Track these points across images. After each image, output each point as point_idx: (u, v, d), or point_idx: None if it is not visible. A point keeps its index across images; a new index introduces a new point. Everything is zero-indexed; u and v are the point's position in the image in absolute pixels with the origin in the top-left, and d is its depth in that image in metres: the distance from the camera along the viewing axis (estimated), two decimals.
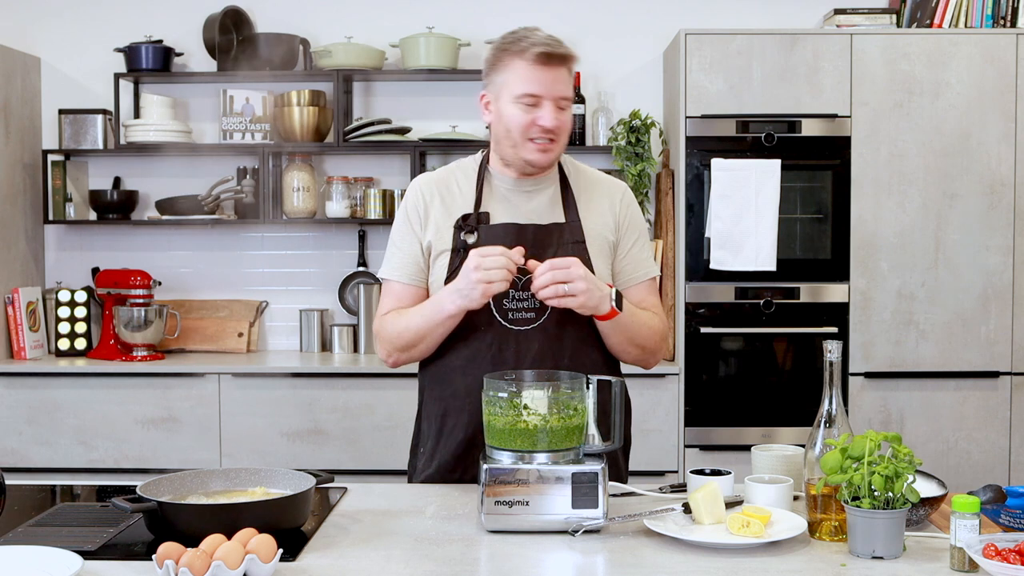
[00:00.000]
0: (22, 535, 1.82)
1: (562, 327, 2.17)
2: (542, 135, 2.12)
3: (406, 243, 2.23)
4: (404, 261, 2.23)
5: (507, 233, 2.16)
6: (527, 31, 2.16)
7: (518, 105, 2.12)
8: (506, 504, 1.79)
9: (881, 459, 1.68)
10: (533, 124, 2.11)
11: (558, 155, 2.19)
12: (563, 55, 2.12)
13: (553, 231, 2.19)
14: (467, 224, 2.17)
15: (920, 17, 4.11)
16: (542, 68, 2.10)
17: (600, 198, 2.27)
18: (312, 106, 4.29)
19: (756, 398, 3.98)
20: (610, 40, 4.45)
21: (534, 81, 2.10)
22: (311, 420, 3.99)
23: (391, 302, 2.24)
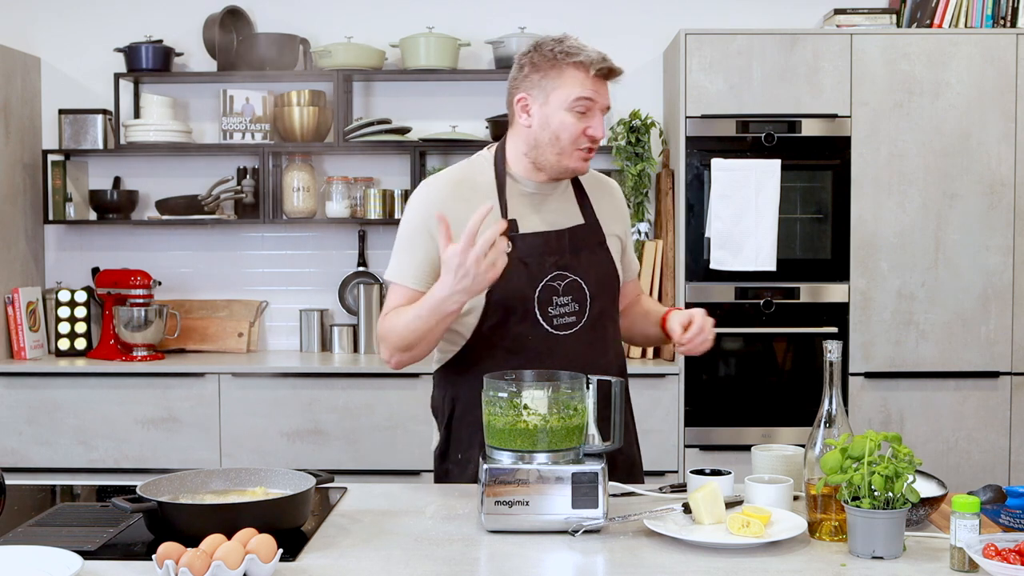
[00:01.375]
0: (22, 535, 1.82)
1: (601, 328, 2.23)
2: (590, 144, 2.15)
3: (420, 247, 2.17)
4: (417, 266, 2.17)
5: (544, 241, 2.18)
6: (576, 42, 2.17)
7: (571, 112, 2.13)
8: (506, 504, 1.79)
9: (881, 459, 1.68)
10: (583, 134, 2.14)
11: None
12: (615, 70, 2.16)
13: (580, 233, 2.23)
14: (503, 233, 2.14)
15: (920, 17, 4.11)
16: (598, 79, 2.15)
17: (604, 197, 2.32)
18: (312, 106, 4.29)
19: (756, 398, 3.98)
20: (610, 40, 4.41)
21: (589, 88, 2.13)
22: (311, 420, 3.99)
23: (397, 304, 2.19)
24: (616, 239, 2.30)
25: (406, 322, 2.09)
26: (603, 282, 2.23)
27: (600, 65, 2.13)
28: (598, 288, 2.22)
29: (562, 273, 2.16)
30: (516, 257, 2.11)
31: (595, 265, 2.23)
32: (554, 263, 2.17)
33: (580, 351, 2.18)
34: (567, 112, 2.13)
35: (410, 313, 2.09)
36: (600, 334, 2.23)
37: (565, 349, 2.17)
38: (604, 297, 2.24)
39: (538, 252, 2.16)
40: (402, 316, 2.11)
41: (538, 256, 2.16)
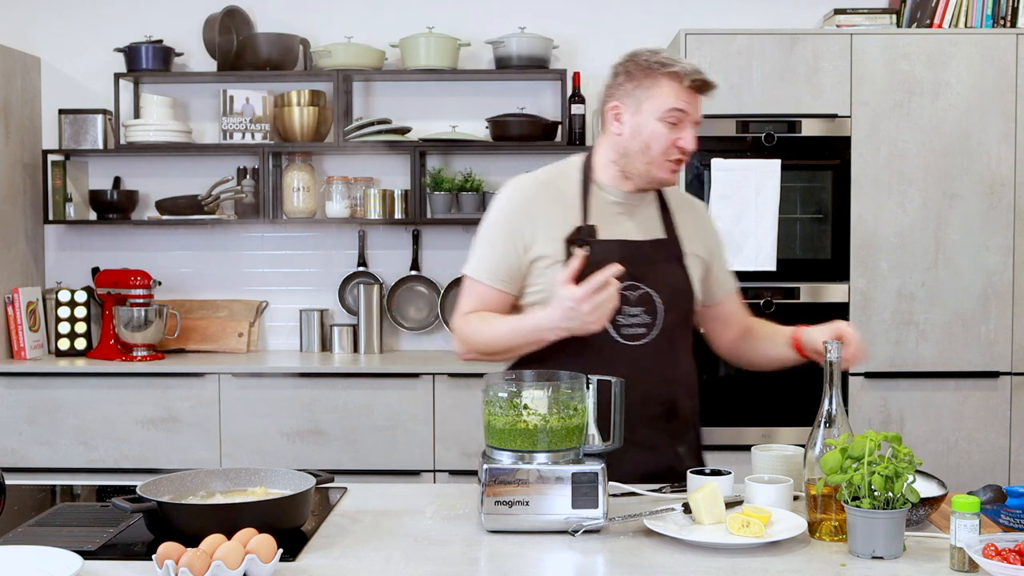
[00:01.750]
0: (22, 535, 1.82)
1: (672, 341, 2.22)
2: (679, 155, 2.17)
3: (504, 246, 2.19)
4: (498, 265, 2.20)
5: (619, 249, 2.18)
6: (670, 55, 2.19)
7: (663, 123, 2.15)
8: (506, 504, 1.79)
9: (881, 459, 1.68)
10: (673, 145, 2.16)
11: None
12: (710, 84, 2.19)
13: (659, 247, 2.24)
14: (578, 238, 2.17)
15: (920, 17, 4.11)
16: (693, 92, 2.17)
17: (689, 216, 2.33)
18: (312, 106, 4.29)
19: (756, 398, 3.98)
20: (610, 40, 4.44)
21: (683, 100, 2.16)
22: (311, 420, 3.99)
23: (473, 303, 2.22)
24: (697, 259, 2.29)
25: (499, 334, 2.14)
26: (677, 297, 2.23)
27: (694, 77, 2.15)
28: (671, 302, 2.21)
29: (635, 284, 2.17)
30: (591, 262, 2.11)
31: (670, 280, 2.22)
32: (628, 273, 2.15)
33: (646, 363, 2.18)
34: (659, 122, 2.15)
35: (505, 326, 2.14)
36: (670, 348, 2.22)
37: (631, 359, 2.16)
38: (677, 312, 2.23)
39: (613, 259, 2.13)
40: (494, 325, 2.15)
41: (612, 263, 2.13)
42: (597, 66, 4.42)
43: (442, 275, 4.47)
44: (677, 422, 2.27)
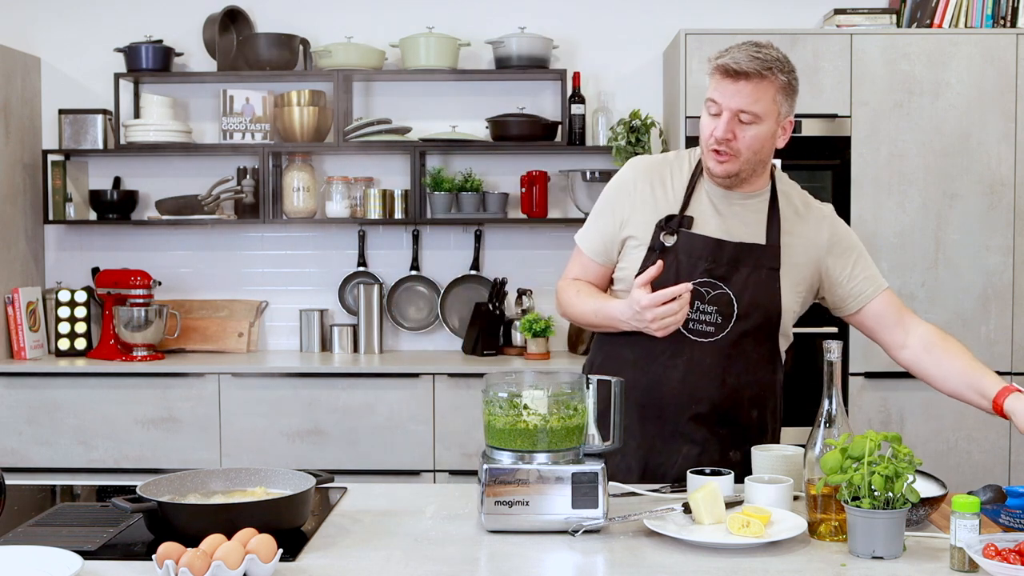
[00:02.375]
0: (22, 535, 1.82)
1: (739, 347, 2.20)
2: (715, 144, 2.14)
3: (604, 220, 2.28)
4: (595, 237, 2.29)
5: (705, 245, 2.18)
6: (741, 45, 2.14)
7: (707, 113, 2.17)
8: (506, 504, 1.79)
9: (881, 459, 1.68)
10: (710, 135, 2.14)
11: (741, 169, 2.16)
12: (745, 71, 2.09)
13: (752, 252, 2.19)
14: (669, 226, 2.19)
15: (920, 17, 4.11)
16: (725, 80, 2.12)
17: (806, 226, 2.25)
18: (312, 106, 4.29)
19: None
20: (610, 40, 4.45)
21: (716, 90, 2.14)
22: (311, 420, 3.99)
23: (576, 269, 2.33)
24: (800, 270, 2.22)
25: (585, 311, 2.26)
26: (758, 305, 2.19)
27: (718, 62, 2.12)
28: (750, 309, 2.18)
29: (713, 282, 2.17)
30: (674, 250, 2.17)
31: (754, 287, 2.18)
32: (706, 269, 2.16)
33: (708, 361, 2.18)
34: (704, 112, 2.18)
35: (590, 306, 2.24)
36: (737, 353, 2.20)
37: (694, 354, 2.17)
38: (754, 319, 2.19)
39: (696, 253, 2.17)
40: (584, 301, 2.26)
41: (694, 257, 2.17)
42: (597, 66, 4.42)
43: (442, 275, 4.47)
44: (731, 428, 2.23)
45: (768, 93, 2.11)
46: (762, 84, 2.09)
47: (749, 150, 2.14)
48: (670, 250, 2.17)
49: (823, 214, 2.30)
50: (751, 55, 2.09)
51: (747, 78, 2.09)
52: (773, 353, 2.28)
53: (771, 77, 2.10)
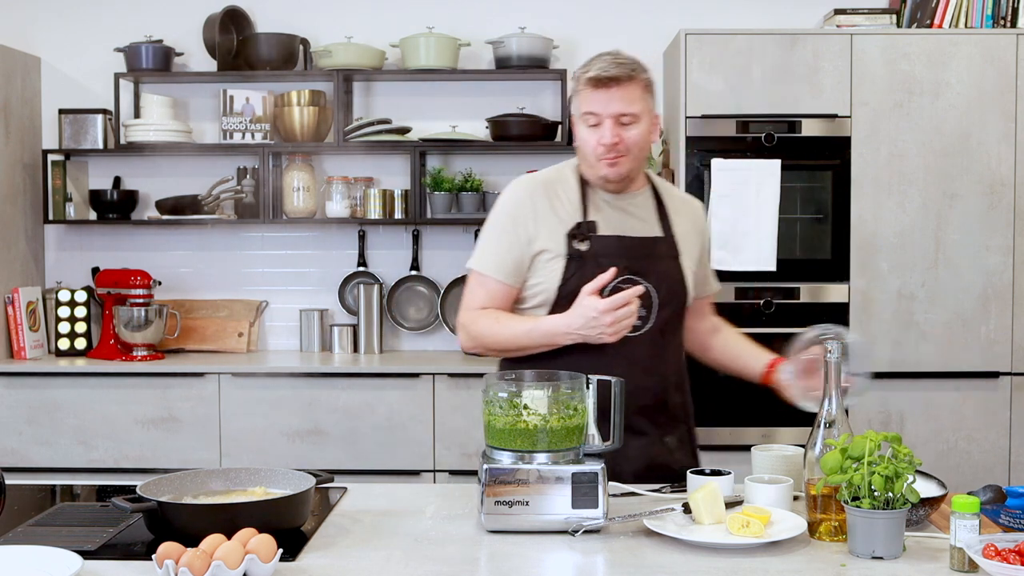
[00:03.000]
0: (22, 535, 1.82)
1: (664, 335, 2.29)
2: (605, 151, 2.21)
3: (509, 240, 2.28)
4: (504, 259, 2.29)
5: (620, 244, 2.26)
6: (599, 57, 2.24)
7: (584, 126, 2.24)
8: (506, 504, 1.79)
9: (881, 459, 1.68)
10: (597, 144, 2.21)
11: (631, 168, 2.26)
12: (614, 77, 2.19)
13: (658, 244, 2.30)
14: (579, 232, 2.24)
15: (920, 17, 4.11)
16: (597, 91, 2.20)
17: (685, 217, 2.38)
18: (312, 106, 4.29)
19: (756, 398, 3.95)
20: (610, 40, 4.40)
21: (591, 102, 2.21)
22: (311, 420, 3.99)
23: (484, 297, 2.30)
24: (690, 258, 2.35)
25: (515, 335, 2.24)
26: (672, 294, 2.30)
27: (588, 75, 2.21)
28: (667, 299, 2.28)
29: (632, 278, 2.23)
30: (591, 255, 2.23)
31: (667, 277, 2.29)
32: (626, 267, 2.23)
33: (640, 356, 2.24)
34: (582, 126, 2.25)
35: (520, 328, 2.23)
36: (663, 343, 2.29)
37: (626, 351, 2.21)
38: (670, 308, 2.30)
39: (610, 254, 2.23)
40: (508, 326, 2.25)
41: (610, 258, 2.23)
42: None
43: (442, 275, 4.47)
44: (666, 415, 2.33)
45: (637, 93, 2.22)
46: (631, 86, 2.21)
47: (636, 147, 2.24)
48: (586, 255, 2.23)
49: (697, 206, 2.47)
50: (614, 62, 2.21)
51: (618, 83, 2.19)
52: (681, 337, 2.40)
53: (637, 78, 2.22)
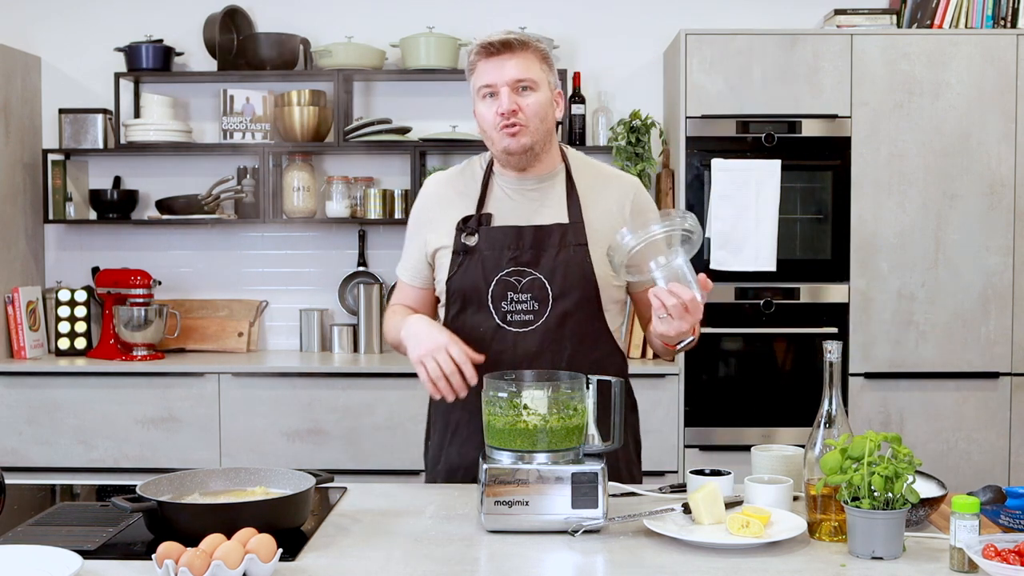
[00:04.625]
0: (22, 535, 1.82)
1: (562, 327, 2.17)
2: (503, 120, 2.14)
3: (412, 243, 2.31)
4: (408, 262, 2.31)
5: (506, 235, 2.18)
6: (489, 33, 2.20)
7: (482, 101, 2.18)
8: (506, 504, 1.79)
9: (881, 459, 1.68)
10: (496, 114, 2.15)
11: (534, 140, 2.17)
12: (504, 42, 2.14)
13: (554, 232, 2.18)
14: (468, 226, 2.20)
15: (920, 17, 4.11)
16: (489, 60, 2.15)
17: (609, 196, 2.24)
18: (312, 106, 4.29)
19: (756, 398, 3.98)
20: (610, 40, 4.45)
21: (484, 73, 2.16)
22: (311, 420, 3.99)
23: (397, 298, 2.35)
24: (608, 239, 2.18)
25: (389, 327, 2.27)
26: (573, 284, 2.17)
27: (477, 46, 2.16)
28: (564, 289, 2.16)
29: (522, 269, 2.16)
30: (477, 249, 2.18)
31: (565, 265, 2.16)
32: (512, 259, 2.16)
33: (535, 349, 2.15)
34: (480, 103, 2.19)
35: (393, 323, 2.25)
36: (565, 335, 2.17)
37: (520, 346, 2.16)
38: (572, 298, 2.17)
39: (498, 246, 2.17)
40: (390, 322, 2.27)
41: (497, 250, 2.17)
42: (597, 66, 4.42)
43: None
44: None
45: (533, 62, 2.16)
46: (525, 53, 2.15)
47: (536, 117, 2.16)
48: (472, 249, 2.17)
49: (628, 183, 2.30)
50: (504, 33, 2.17)
51: (510, 50, 2.14)
52: (605, 329, 2.23)
53: (530, 46, 2.16)
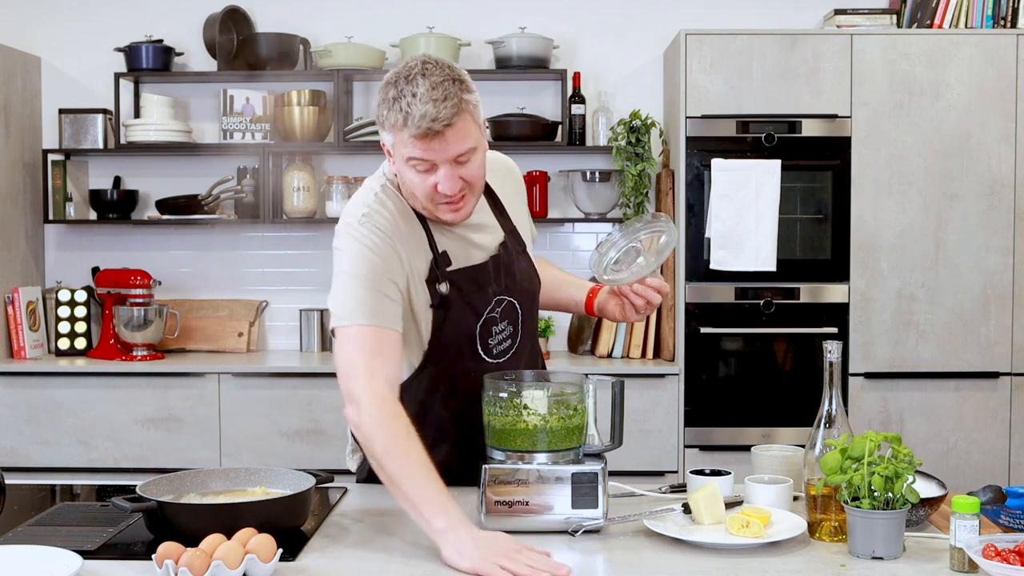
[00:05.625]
0: (22, 535, 1.82)
1: (529, 340, 2.15)
2: (445, 200, 1.91)
3: (390, 289, 1.92)
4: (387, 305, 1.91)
5: (482, 273, 2.03)
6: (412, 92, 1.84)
7: (410, 169, 1.89)
8: (506, 504, 1.79)
9: (881, 459, 1.68)
10: (435, 190, 1.90)
11: (475, 202, 1.98)
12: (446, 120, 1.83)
13: (508, 249, 2.09)
14: (434, 276, 1.98)
15: (920, 17, 4.11)
16: (425, 141, 1.85)
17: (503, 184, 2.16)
18: (312, 106, 4.29)
19: (756, 398, 3.98)
20: (610, 40, 4.45)
21: (420, 150, 1.86)
22: (311, 420, 3.99)
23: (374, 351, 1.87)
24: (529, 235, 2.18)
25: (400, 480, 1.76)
26: (530, 292, 2.13)
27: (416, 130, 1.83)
28: (527, 301, 2.12)
29: (501, 298, 2.06)
30: (454, 295, 1.98)
31: (523, 279, 2.11)
32: (493, 292, 2.04)
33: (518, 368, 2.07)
34: (408, 170, 1.90)
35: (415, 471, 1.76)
36: (529, 347, 2.15)
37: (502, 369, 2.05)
38: (531, 305, 2.14)
39: (478, 285, 2.02)
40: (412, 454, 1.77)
41: (479, 290, 2.02)
42: (597, 66, 4.42)
43: None
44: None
45: (469, 123, 1.87)
46: (463, 120, 1.85)
47: (478, 179, 1.94)
48: (449, 297, 1.97)
49: (509, 166, 2.22)
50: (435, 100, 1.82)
51: (449, 126, 1.83)
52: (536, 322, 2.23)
53: (465, 108, 1.86)
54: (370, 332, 1.88)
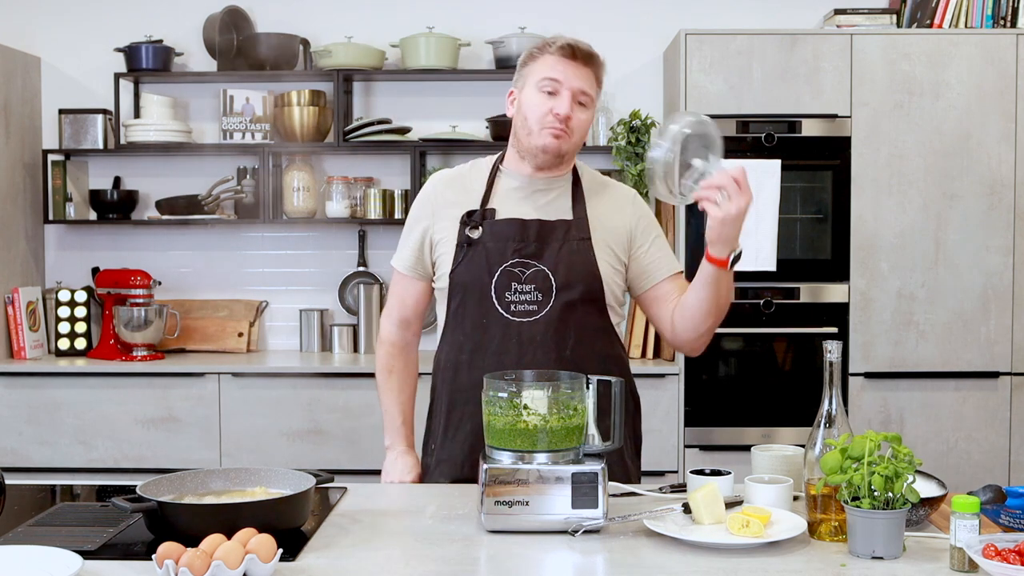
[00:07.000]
0: (22, 535, 1.82)
1: (565, 319, 2.20)
2: (556, 121, 2.17)
3: (412, 233, 2.31)
4: (406, 251, 2.32)
5: (511, 228, 2.21)
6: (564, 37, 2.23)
7: (539, 93, 2.18)
8: (506, 504, 1.79)
9: (881, 459, 1.68)
10: (549, 112, 2.17)
11: (571, 148, 2.22)
12: (586, 52, 2.19)
13: (559, 227, 2.23)
14: (472, 219, 2.22)
15: (920, 17, 4.11)
16: (565, 60, 2.18)
17: (610, 201, 2.30)
18: (312, 106, 4.29)
19: (756, 398, 3.98)
20: (610, 40, 4.43)
21: (556, 69, 2.18)
22: (311, 420, 3.99)
23: (397, 297, 2.35)
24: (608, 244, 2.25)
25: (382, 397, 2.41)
26: (576, 276, 2.20)
27: (560, 43, 2.19)
28: (568, 281, 2.20)
29: (526, 261, 2.19)
30: (480, 240, 2.20)
31: (569, 258, 2.20)
32: (516, 250, 2.19)
33: (540, 337, 2.18)
34: (536, 92, 2.19)
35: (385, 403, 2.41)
36: (570, 325, 2.20)
37: (523, 336, 2.18)
38: (576, 291, 2.20)
39: (502, 238, 2.20)
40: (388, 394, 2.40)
41: (501, 242, 2.20)
42: None
43: None
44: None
45: (595, 83, 2.23)
46: (594, 70, 2.22)
47: (579, 131, 2.22)
48: (476, 242, 2.20)
49: (627, 192, 2.35)
50: (581, 43, 2.21)
51: (586, 62, 2.20)
52: (608, 326, 2.27)
53: (599, 64, 2.24)
54: (397, 277, 2.35)
